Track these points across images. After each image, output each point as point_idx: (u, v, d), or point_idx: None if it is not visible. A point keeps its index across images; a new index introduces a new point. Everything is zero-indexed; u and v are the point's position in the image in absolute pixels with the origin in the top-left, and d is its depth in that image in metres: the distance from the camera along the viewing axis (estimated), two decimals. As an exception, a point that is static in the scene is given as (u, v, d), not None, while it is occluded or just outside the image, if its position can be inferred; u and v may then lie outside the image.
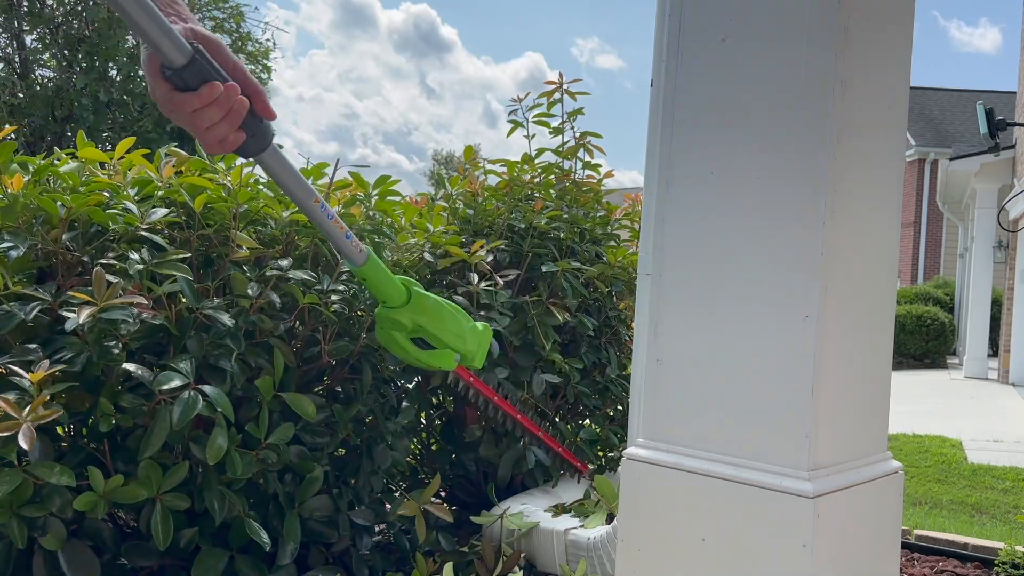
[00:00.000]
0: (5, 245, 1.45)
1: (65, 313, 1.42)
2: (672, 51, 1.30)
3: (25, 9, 14.22)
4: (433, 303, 1.51)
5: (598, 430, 2.44)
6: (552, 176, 2.43)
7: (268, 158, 1.19)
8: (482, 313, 2.07)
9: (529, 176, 2.41)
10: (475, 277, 2.08)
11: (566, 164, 2.47)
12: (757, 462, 1.18)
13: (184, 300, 1.53)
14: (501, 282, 2.10)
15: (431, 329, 1.50)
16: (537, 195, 2.40)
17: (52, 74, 14.61)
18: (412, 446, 2.28)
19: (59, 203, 1.55)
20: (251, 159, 1.19)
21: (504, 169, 2.40)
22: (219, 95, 1.06)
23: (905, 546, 2.34)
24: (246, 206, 1.72)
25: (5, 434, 1.25)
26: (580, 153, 2.45)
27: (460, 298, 2.08)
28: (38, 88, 14.14)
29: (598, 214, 2.48)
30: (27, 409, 1.28)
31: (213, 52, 1.08)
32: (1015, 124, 8.52)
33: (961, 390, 9.87)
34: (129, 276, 1.50)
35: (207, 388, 1.44)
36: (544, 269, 2.17)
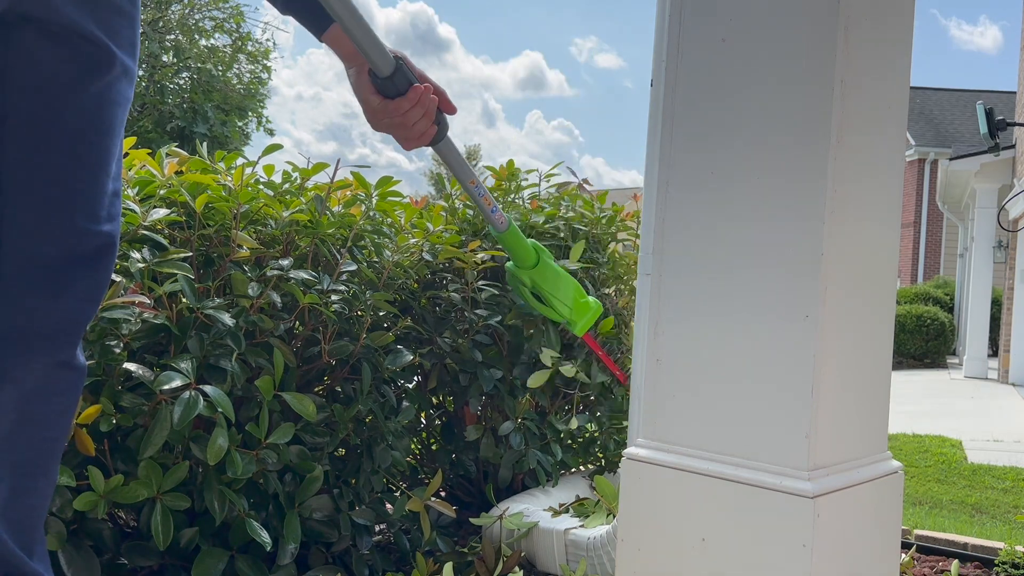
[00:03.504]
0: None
1: (65, 313, 1.42)
2: (672, 51, 1.30)
3: (25, 9, 14.22)
4: (552, 272, 1.79)
5: (594, 428, 2.44)
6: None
7: (443, 146, 1.42)
8: (478, 311, 2.07)
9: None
10: (470, 276, 2.09)
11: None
12: (757, 462, 1.18)
13: (185, 300, 1.53)
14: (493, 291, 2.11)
15: (544, 290, 1.78)
16: (534, 192, 2.41)
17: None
18: (412, 446, 2.28)
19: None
20: (430, 146, 1.41)
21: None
22: (421, 95, 1.28)
23: (905, 546, 2.34)
24: (247, 206, 1.72)
25: None
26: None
27: (455, 295, 2.08)
28: (38, 88, 14.14)
29: (602, 216, 2.48)
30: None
31: (401, 58, 1.28)
32: (1015, 124, 8.52)
33: (961, 390, 9.87)
34: (130, 275, 1.50)
35: (208, 388, 1.44)
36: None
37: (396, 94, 1.28)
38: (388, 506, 1.94)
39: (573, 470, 2.42)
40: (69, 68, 1.01)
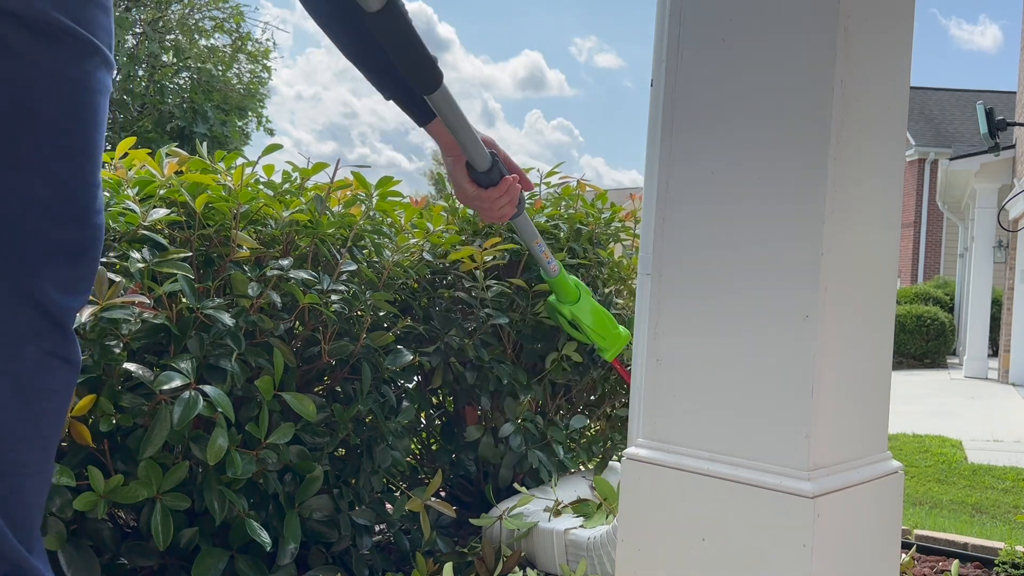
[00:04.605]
0: (5, 245, 1.45)
1: (65, 313, 1.41)
2: (672, 51, 1.30)
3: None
4: (591, 306, 2.05)
5: (593, 427, 2.44)
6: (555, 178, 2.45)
7: (520, 219, 1.71)
8: (486, 310, 2.07)
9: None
10: (480, 275, 2.09)
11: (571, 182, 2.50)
12: (757, 462, 1.18)
13: (185, 300, 1.53)
14: (495, 286, 2.11)
15: (583, 323, 2.04)
16: (533, 193, 2.40)
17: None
18: (412, 446, 2.28)
19: (59, 203, 1.55)
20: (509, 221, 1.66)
21: None
22: (510, 185, 1.53)
23: (905, 546, 2.34)
24: (247, 206, 1.72)
25: None
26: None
27: (463, 294, 2.08)
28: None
29: (602, 215, 2.48)
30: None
31: (493, 149, 1.52)
32: (1015, 124, 8.52)
33: (961, 390, 9.87)
34: (130, 275, 1.50)
35: (207, 388, 1.44)
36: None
37: (490, 184, 1.51)
38: (388, 506, 1.94)
39: (573, 470, 2.42)
40: (48, 58, 1.00)
